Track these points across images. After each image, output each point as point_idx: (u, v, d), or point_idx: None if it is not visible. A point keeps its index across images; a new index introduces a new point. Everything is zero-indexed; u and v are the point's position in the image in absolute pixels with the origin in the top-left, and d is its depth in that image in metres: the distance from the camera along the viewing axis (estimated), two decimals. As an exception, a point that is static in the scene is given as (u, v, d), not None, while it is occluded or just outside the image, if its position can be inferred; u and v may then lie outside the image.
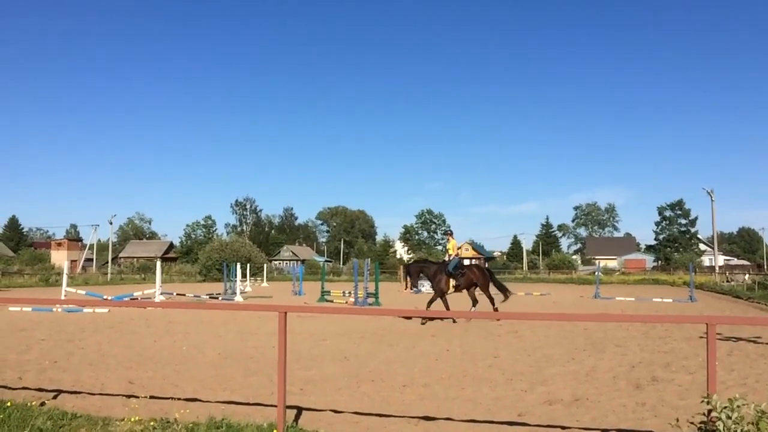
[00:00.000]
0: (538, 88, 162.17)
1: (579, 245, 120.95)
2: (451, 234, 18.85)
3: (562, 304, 25.36)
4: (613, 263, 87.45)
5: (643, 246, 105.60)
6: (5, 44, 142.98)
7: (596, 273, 36.59)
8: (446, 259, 17.73)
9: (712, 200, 57.85)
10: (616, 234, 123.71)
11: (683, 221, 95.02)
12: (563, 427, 5.98)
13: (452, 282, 16.89)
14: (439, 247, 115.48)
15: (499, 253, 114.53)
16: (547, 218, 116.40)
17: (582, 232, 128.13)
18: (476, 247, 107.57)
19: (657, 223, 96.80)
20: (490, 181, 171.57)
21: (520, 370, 9.08)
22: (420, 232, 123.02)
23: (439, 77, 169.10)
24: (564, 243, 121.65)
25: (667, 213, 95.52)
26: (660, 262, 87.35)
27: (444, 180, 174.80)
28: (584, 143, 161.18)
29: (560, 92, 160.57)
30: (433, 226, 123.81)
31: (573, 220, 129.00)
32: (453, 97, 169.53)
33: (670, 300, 26.86)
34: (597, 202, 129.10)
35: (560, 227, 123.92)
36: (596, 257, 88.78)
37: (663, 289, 41.61)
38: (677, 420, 5.30)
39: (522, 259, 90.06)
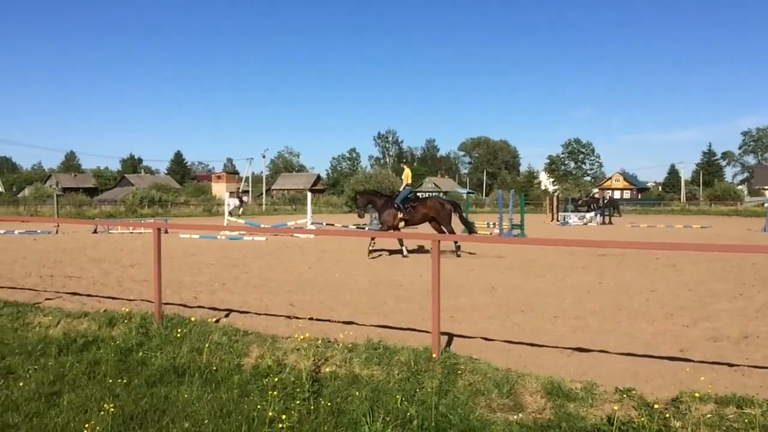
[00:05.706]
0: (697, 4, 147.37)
1: (746, 174, 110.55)
2: (407, 162, 17.19)
3: (726, 237, 23.51)
4: (785, 194, 79.35)
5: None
6: None
7: (766, 204, 33.49)
8: (401, 189, 16.02)
9: None
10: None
11: None
12: (731, 365, 5.61)
13: (400, 215, 15.23)
14: (588, 178, 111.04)
15: (653, 184, 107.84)
16: (710, 145, 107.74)
17: (750, 159, 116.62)
18: (628, 178, 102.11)
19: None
20: (644, 106, 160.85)
21: (680, 304, 8.60)
22: (566, 162, 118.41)
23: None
24: (728, 172, 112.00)
25: None
26: (844, 191, 78.05)
27: (593, 106, 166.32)
28: (754, 61, 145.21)
29: (722, 7, 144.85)
30: (581, 155, 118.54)
31: (740, 147, 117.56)
32: (600, 20, 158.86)
33: None
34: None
35: (725, 155, 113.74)
36: (766, 187, 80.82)
37: None
38: None
39: (680, 189, 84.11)
